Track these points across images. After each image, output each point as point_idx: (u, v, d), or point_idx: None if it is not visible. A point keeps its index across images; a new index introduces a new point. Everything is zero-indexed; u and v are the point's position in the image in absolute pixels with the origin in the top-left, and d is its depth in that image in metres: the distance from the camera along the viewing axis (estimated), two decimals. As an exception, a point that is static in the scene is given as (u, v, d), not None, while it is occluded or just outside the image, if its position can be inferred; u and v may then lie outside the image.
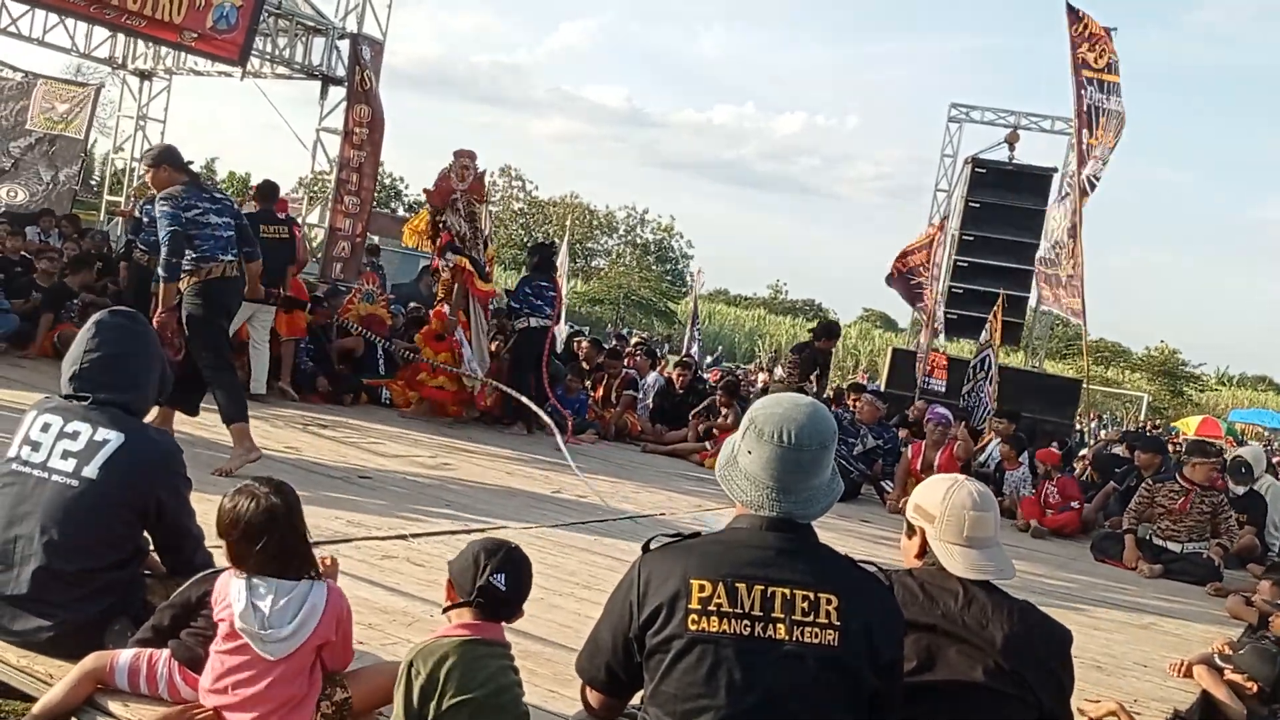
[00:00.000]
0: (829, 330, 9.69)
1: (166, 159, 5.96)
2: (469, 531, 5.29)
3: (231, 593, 2.58)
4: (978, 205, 16.40)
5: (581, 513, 6.48)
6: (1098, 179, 12.78)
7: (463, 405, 9.61)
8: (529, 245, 11.92)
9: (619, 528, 6.19)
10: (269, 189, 9.30)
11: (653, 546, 2.22)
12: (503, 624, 2.58)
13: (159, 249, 5.92)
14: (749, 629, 2.05)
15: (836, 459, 8.13)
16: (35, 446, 2.91)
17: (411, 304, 11.74)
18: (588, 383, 11.27)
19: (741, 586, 2.07)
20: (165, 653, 2.74)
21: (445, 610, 2.57)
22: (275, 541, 2.57)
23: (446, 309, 9.23)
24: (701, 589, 2.06)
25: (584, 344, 12.92)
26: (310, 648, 2.59)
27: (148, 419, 3.24)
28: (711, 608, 2.05)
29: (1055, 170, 16.66)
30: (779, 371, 16.40)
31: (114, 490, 2.86)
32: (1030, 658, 2.37)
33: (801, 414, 2.19)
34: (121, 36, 15.00)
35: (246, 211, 7.61)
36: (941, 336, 12.67)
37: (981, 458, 10.75)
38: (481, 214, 9.49)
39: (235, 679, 2.56)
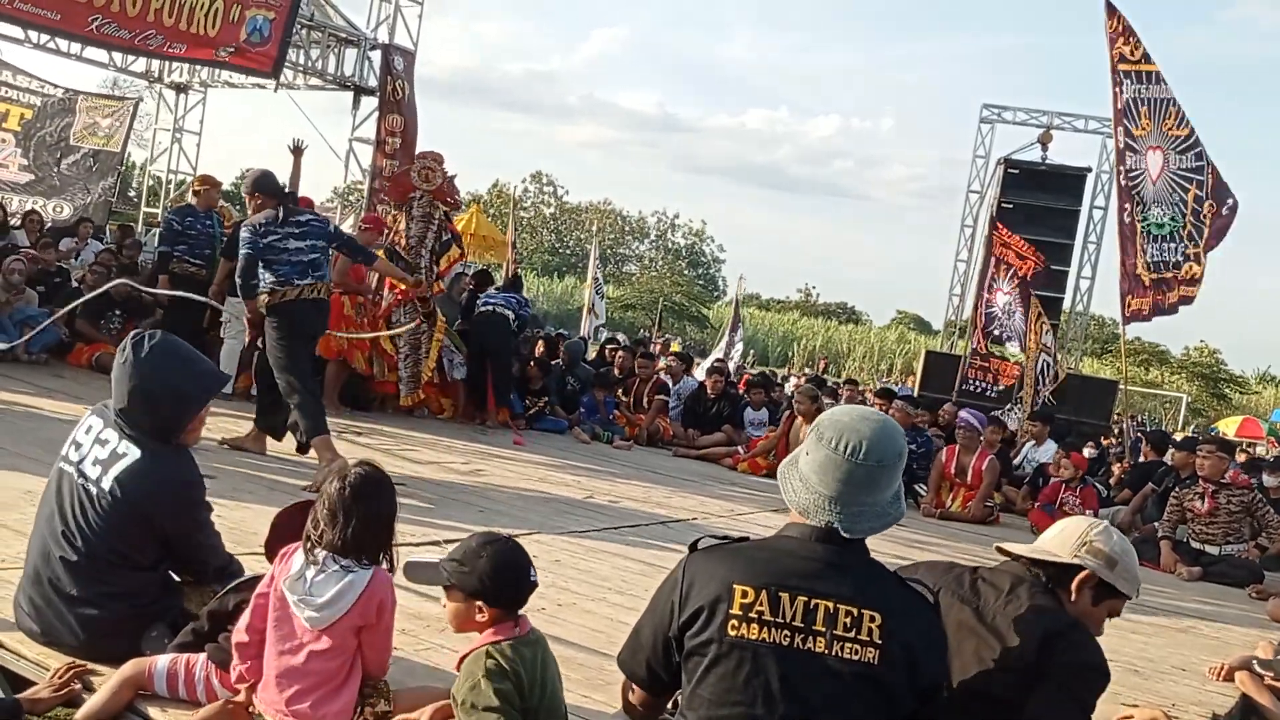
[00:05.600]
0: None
1: (258, 187, 6.33)
2: (481, 531, 5.31)
3: (293, 561, 2.63)
4: (1011, 206, 16.28)
5: (614, 518, 6.50)
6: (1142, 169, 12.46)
7: (441, 402, 9.77)
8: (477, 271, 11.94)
9: (651, 533, 6.20)
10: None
11: (700, 547, 2.21)
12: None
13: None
14: (788, 639, 2.04)
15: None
16: (78, 447, 3.01)
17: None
18: (619, 390, 11.30)
19: (785, 596, 2.05)
20: (202, 657, 2.80)
21: (489, 624, 2.54)
22: (353, 523, 2.60)
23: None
24: (744, 595, 2.05)
25: (619, 352, 12.90)
26: (349, 627, 2.60)
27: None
28: (753, 615, 2.04)
29: (1089, 170, 16.52)
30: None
31: (122, 506, 2.90)
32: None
33: (867, 427, 2.14)
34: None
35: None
36: (1009, 342, 12.46)
37: (1017, 460, 10.67)
38: (438, 216, 9.43)
39: (276, 650, 2.60)
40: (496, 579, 2.52)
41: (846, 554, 2.13)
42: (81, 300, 7.72)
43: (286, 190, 7.12)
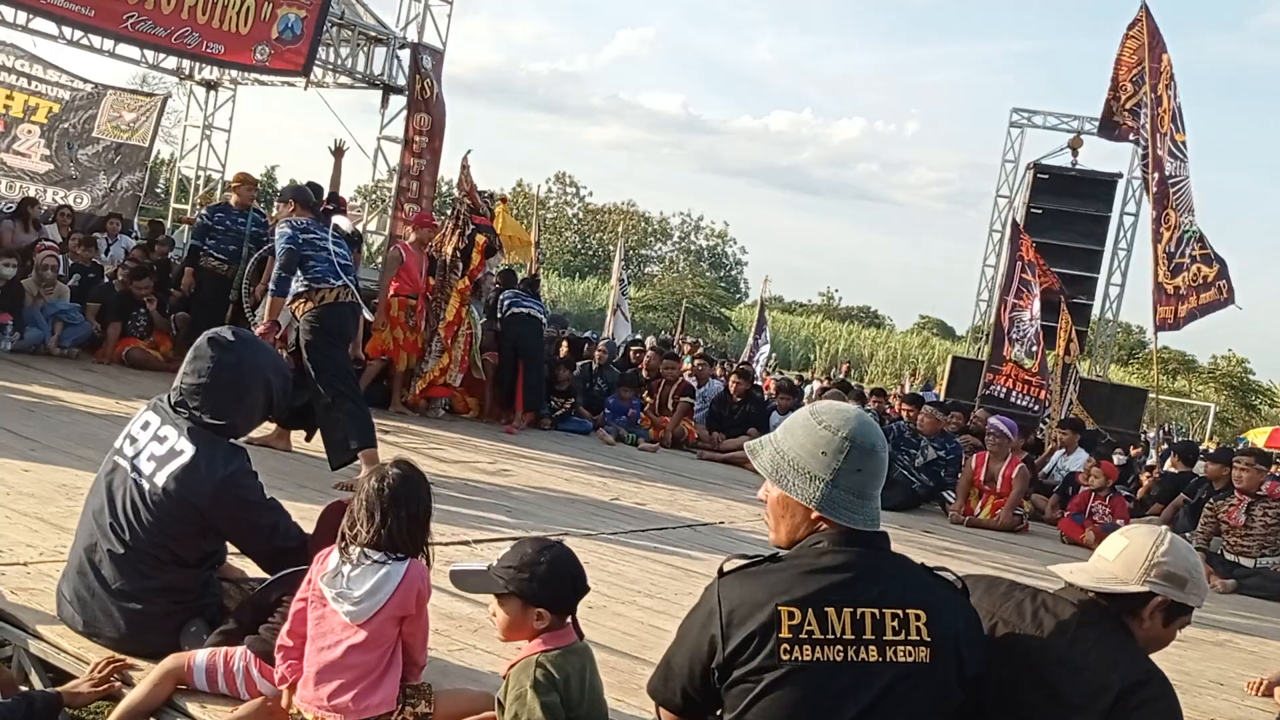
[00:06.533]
0: None
1: (295, 196, 6.47)
2: (530, 538, 5.30)
3: (329, 560, 2.64)
4: (1040, 211, 16.15)
5: (641, 520, 6.48)
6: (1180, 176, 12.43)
7: (467, 402, 9.88)
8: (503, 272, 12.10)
9: (678, 535, 6.18)
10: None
11: (727, 570, 2.14)
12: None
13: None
14: (842, 654, 2.01)
15: (898, 470, 8.08)
16: (133, 441, 3.02)
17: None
18: (644, 392, 11.27)
19: (830, 611, 2.02)
20: (241, 649, 2.81)
21: (541, 632, 2.51)
22: (390, 521, 2.60)
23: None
24: (791, 616, 2.01)
25: (643, 352, 12.89)
26: (389, 618, 2.60)
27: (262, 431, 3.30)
28: (803, 635, 2.01)
29: (1120, 176, 16.37)
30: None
31: (175, 503, 2.92)
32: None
33: (866, 418, 2.18)
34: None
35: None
36: (1019, 348, 12.35)
37: (1045, 468, 10.58)
38: (463, 209, 9.59)
39: (315, 647, 2.60)
40: (559, 584, 2.50)
41: (877, 553, 2.12)
42: None
43: (328, 191, 7.20)
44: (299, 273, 6.11)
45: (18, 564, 3.54)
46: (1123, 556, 2.33)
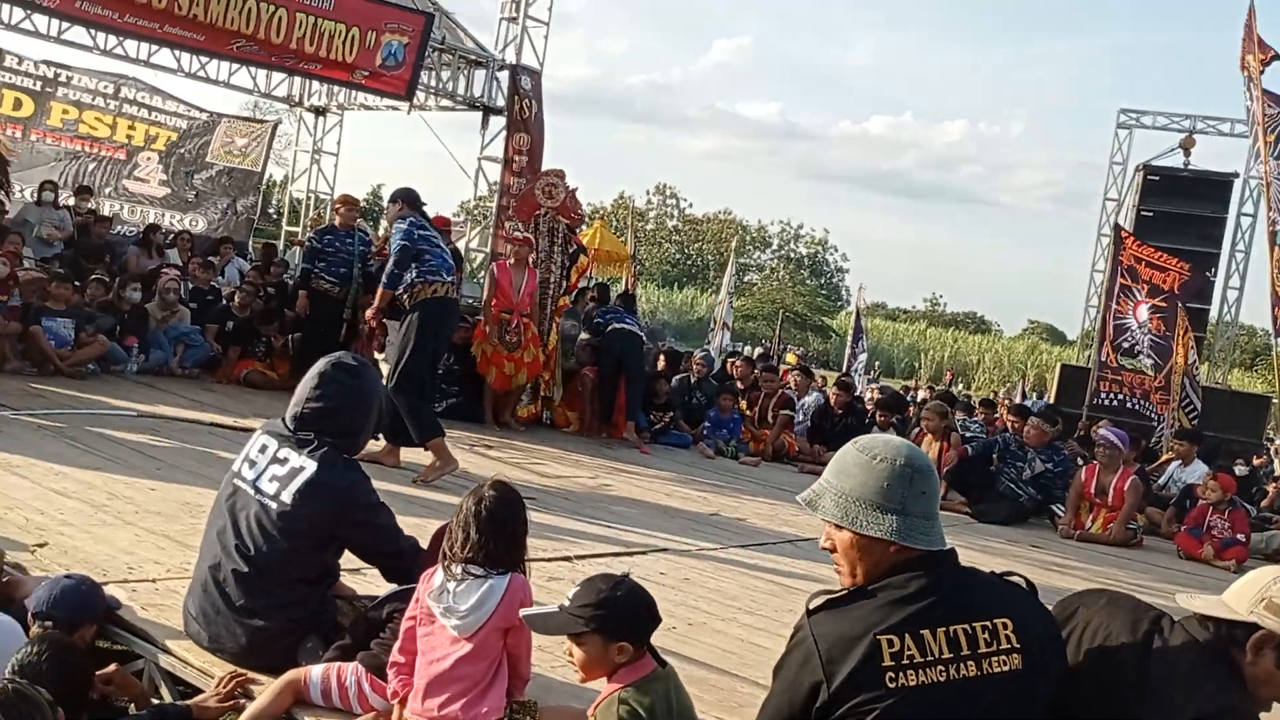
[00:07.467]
0: None
1: (403, 196, 6.83)
2: (630, 554, 5.37)
3: (435, 579, 2.76)
4: (1151, 214, 15.65)
5: (741, 535, 6.49)
6: None
7: (568, 416, 10.06)
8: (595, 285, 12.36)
9: (780, 551, 6.16)
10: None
11: (814, 606, 2.14)
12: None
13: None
14: (944, 674, 2.04)
15: (1005, 483, 7.88)
16: (252, 465, 3.18)
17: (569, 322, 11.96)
18: (743, 402, 11.25)
19: (926, 633, 2.05)
20: (353, 664, 2.93)
21: (621, 666, 2.53)
22: (487, 539, 2.72)
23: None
24: (890, 644, 2.03)
25: (738, 363, 12.88)
26: (494, 630, 2.71)
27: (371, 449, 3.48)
28: (905, 661, 2.03)
29: (1236, 175, 15.77)
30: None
31: (300, 519, 3.08)
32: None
33: (910, 443, 2.27)
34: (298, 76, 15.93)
35: None
36: (1141, 357, 11.98)
37: (1161, 479, 10.23)
38: (560, 231, 9.85)
39: (425, 661, 2.72)
40: (638, 615, 2.56)
41: (952, 569, 2.17)
42: None
43: None
44: (412, 267, 6.49)
45: (147, 581, 3.74)
46: (1243, 585, 2.26)
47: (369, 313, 6.94)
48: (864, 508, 2.14)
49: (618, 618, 2.51)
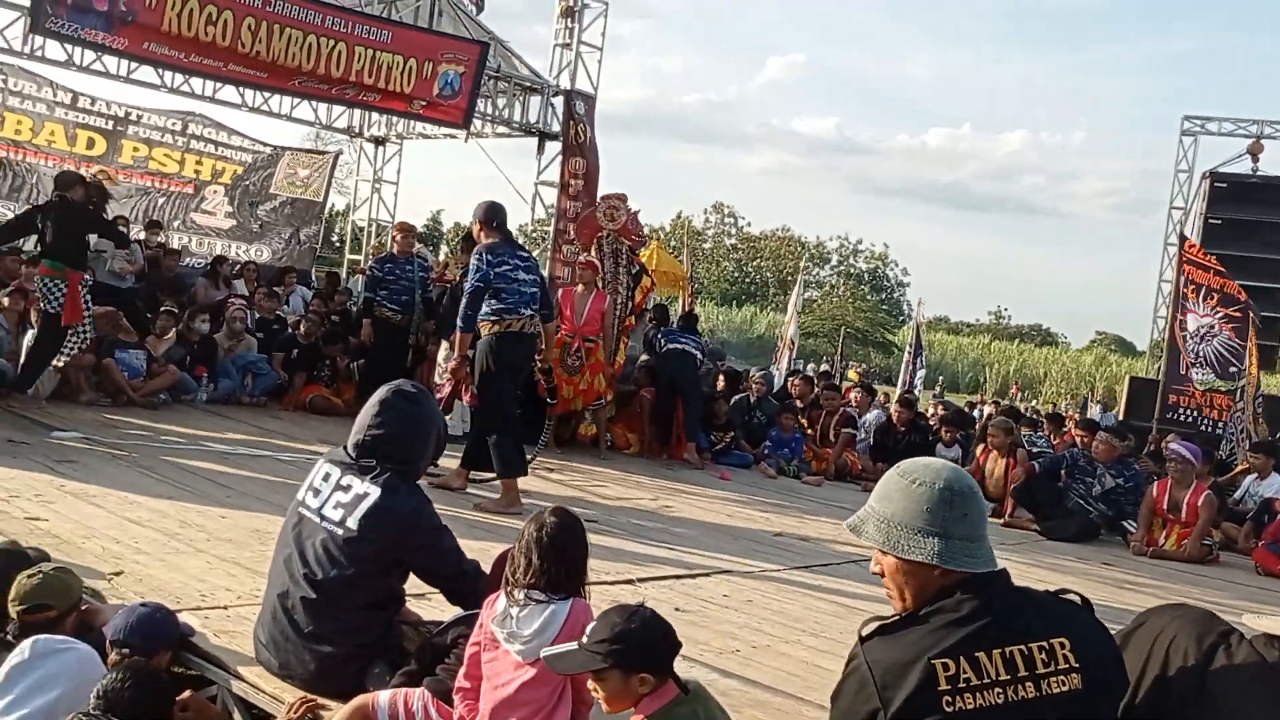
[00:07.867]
0: None
1: (482, 217, 6.65)
2: (693, 575, 5.35)
3: (498, 605, 2.79)
4: (1219, 222, 15.32)
5: (805, 556, 6.44)
6: None
7: (628, 438, 10.11)
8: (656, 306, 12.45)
9: (844, 572, 6.10)
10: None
11: (865, 633, 2.13)
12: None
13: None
14: (1001, 697, 2.02)
15: (1074, 499, 7.76)
16: (316, 493, 3.25)
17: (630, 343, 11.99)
18: (804, 421, 11.18)
19: (981, 655, 2.03)
20: (420, 690, 2.96)
21: (645, 696, 2.54)
22: (549, 565, 2.74)
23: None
24: (946, 668, 2.02)
25: (797, 382, 12.80)
26: None
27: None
28: (961, 684, 2.01)
29: (1308, 179, 15.38)
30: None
31: (366, 544, 3.13)
32: None
33: (953, 465, 2.25)
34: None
35: None
36: (1204, 371, 11.69)
37: (1236, 494, 9.96)
38: (624, 252, 9.99)
39: (490, 686, 2.74)
40: (653, 645, 2.55)
41: (1004, 590, 2.13)
42: None
43: None
44: (490, 301, 6.37)
45: (219, 608, 3.83)
46: None
47: (452, 365, 6.72)
48: (906, 532, 2.14)
49: (634, 650, 2.51)
